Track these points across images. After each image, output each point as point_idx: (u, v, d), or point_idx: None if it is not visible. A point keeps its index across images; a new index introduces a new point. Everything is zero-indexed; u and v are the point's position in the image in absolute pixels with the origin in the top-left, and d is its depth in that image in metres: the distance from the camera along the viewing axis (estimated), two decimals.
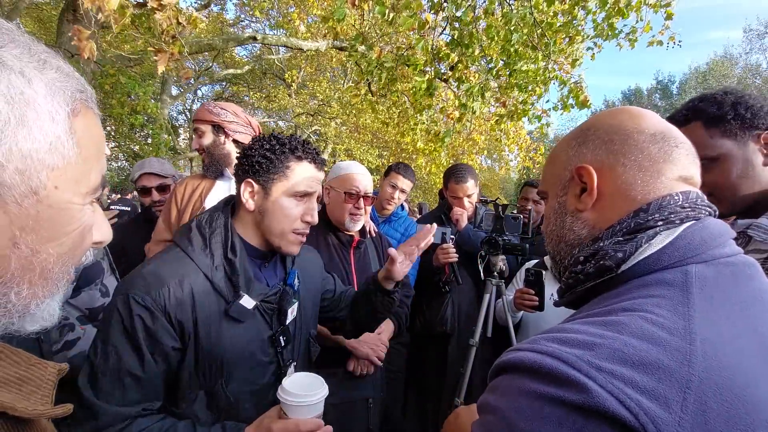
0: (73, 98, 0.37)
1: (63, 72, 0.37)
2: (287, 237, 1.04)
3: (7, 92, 0.32)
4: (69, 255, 0.40)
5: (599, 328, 0.45)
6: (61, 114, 0.36)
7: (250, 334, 1.00)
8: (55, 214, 0.37)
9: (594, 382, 0.40)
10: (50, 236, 0.37)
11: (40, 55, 0.36)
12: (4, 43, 0.33)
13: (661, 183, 0.56)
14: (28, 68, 0.34)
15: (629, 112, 0.62)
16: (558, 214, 0.65)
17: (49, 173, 0.35)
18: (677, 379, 0.39)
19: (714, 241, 0.52)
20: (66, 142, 0.36)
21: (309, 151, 1.06)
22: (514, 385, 0.45)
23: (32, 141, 0.34)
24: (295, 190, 1.03)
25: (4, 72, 0.32)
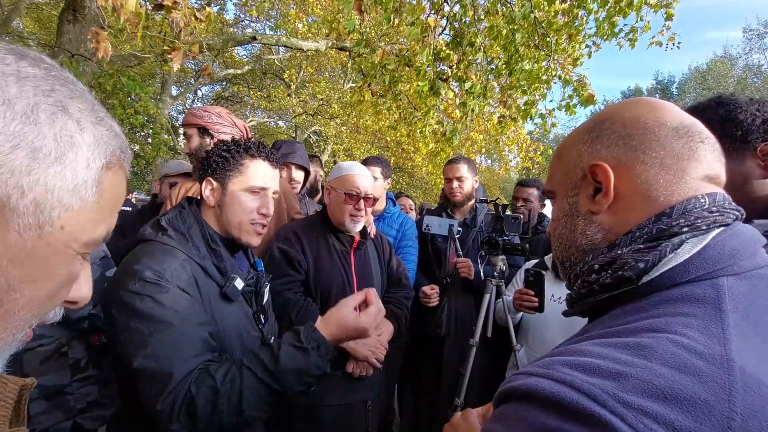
0: (113, 154, 0.40)
1: (113, 131, 0.40)
2: (244, 228, 1.13)
3: (59, 132, 0.35)
4: (39, 303, 0.38)
5: (623, 352, 0.39)
6: (96, 163, 0.38)
7: (241, 312, 1.11)
8: (50, 254, 0.37)
9: (622, 422, 0.34)
10: (34, 276, 0.36)
11: (99, 113, 0.39)
12: (74, 96, 0.37)
13: (685, 183, 0.51)
14: (85, 120, 0.37)
15: (649, 104, 0.56)
16: (568, 216, 0.59)
17: (62, 212, 0.36)
18: (717, 418, 0.34)
19: (746, 251, 0.47)
20: (90, 188, 0.38)
21: (263, 150, 1.17)
22: (527, 418, 0.39)
23: (60, 178, 0.35)
24: (250, 185, 1.13)
25: (64, 116, 0.36)
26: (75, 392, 1.53)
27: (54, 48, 4.42)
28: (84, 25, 4.16)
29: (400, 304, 1.77)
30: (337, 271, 1.62)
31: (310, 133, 14.22)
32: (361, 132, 11.57)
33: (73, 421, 1.51)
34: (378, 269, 1.78)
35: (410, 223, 2.39)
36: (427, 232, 2.22)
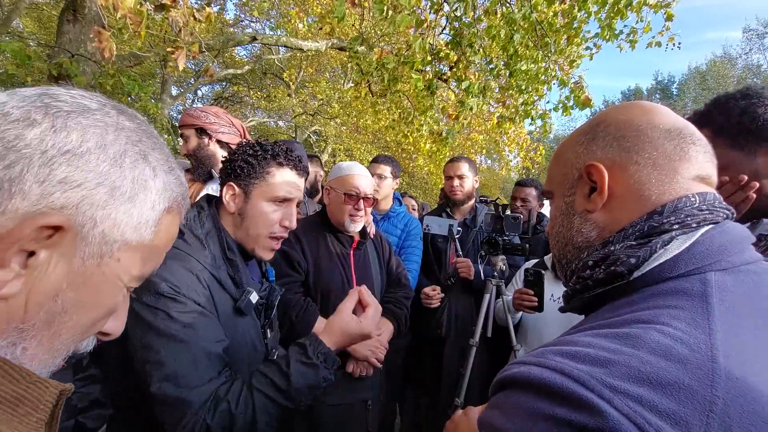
0: (175, 200, 0.45)
1: (179, 180, 0.46)
2: (262, 241, 1.07)
3: (137, 176, 0.41)
4: (82, 329, 0.41)
5: (612, 341, 0.42)
6: (160, 206, 0.43)
7: (250, 326, 1.07)
8: (103, 282, 0.40)
9: (609, 404, 0.36)
10: (84, 302, 0.40)
11: (171, 164, 0.45)
12: (155, 147, 0.43)
13: (676, 183, 0.53)
14: (160, 168, 0.43)
15: (642, 107, 0.58)
16: (565, 215, 0.61)
17: (122, 246, 0.40)
18: (699, 401, 0.36)
19: (734, 247, 0.49)
20: (150, 228, 0.42)
21: (291, 158, 1.10)
22: (520, 404, 0.42)
23: (128, 216, 0.40)
24: (275, 194, 1.06)
25: (143, 164, 0.41)
26: (77, 391, 1.53)
27: (54, 48, 4.42)
28: (84, 25, 4.16)
29: (399, 304, 1.77)
30: (337, 272, 1.62)
31: (310, 133, 14.21)
32: (361, 132, 11.57)
33: (75, 420, 1.51)
34: (378, 269, 1.78)
35: (415, 223, 2.39)
36: (427, 232, 2.22)
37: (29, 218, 0.34)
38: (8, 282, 0.34)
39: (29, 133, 0.35)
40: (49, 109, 0.37)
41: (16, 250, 0.34)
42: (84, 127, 0.38)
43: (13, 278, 0.35)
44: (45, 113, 0.37)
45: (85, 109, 0.39)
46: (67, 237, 0.37)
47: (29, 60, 4.18)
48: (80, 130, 0.38)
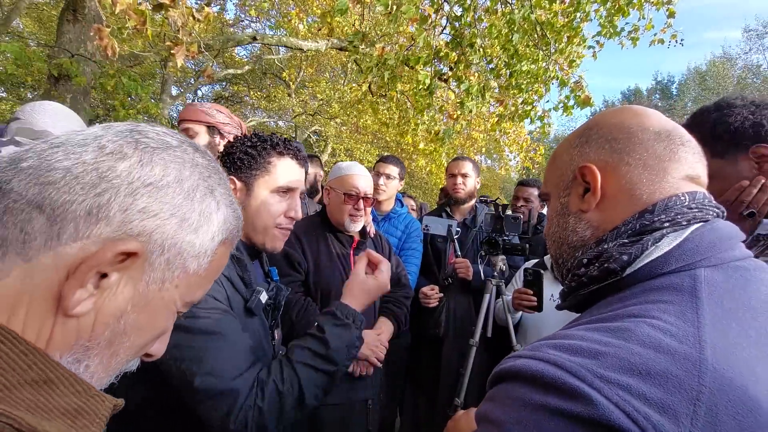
0: (231, 232, 0.48)
1: (237, 214, 0.49)
2: (271, 232, 1.05)
3: (204, 209, 0.44)
4: (135, 351, 0.44)
5: (604, 335, 0.43)
6: (218, 237, 0.46)
7: (259, 326, 1.05)
8: (161, 307, 0.43)
9: (599, 394, 0.38)
10: (142, 324, 0.42)
11: (232, 198, 0.49)
12: (220, 183, 0.47)
13: (666, 182, 0.55)
14: (222, 202, 0.46)
15: (632, 111, 0.61)
16: (560, 215, 0.63)
17: (181, 273, 0.43)
18: (687, 391, 0.37)
19: (723, 244, 0.50)
20: (207, 257, 0.45)
21: (290, 147, 1.08)
22: (515, 395, 0.43)
23: (191, 246, 0.43)
24: (278, 185, 1.05)
25: (210, 198, 0.45)
26: None
27: (54, 48, 4.42)
28: (84, 25, 4.17)
29: (399, 303, 1.77)
30: (337, 271, 1.62)
31: (310, 133, 14.22)
32: (361, 132, 11.57)
33: None
34: None
35: (416, 225, 2.39)
36: (426, 232, 2.22)
37: (110, 243, 0.37)
38: (83, 301, 0.37)
39: (120, 165, 0.39)
40: (139, 144, 0.41)
41: (94, 272, 0.37)
42: (166, 162, 0.42)
43: (87, 298, 0.37)
44: (135, 148, 0.40)
45: (168, 146, 0.43)
46: (137, 262, 0.39)
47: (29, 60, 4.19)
48: (162, 164, 0.41)
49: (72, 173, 0.37)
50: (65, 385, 0.36)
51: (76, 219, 0.36)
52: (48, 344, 0.37)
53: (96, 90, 4.67)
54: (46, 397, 0.35)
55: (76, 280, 0.36)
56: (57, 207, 0.36)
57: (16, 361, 0.34)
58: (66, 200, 0.36)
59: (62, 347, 0.37)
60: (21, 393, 0.33)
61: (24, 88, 10.32)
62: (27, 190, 0.36)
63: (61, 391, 0.36)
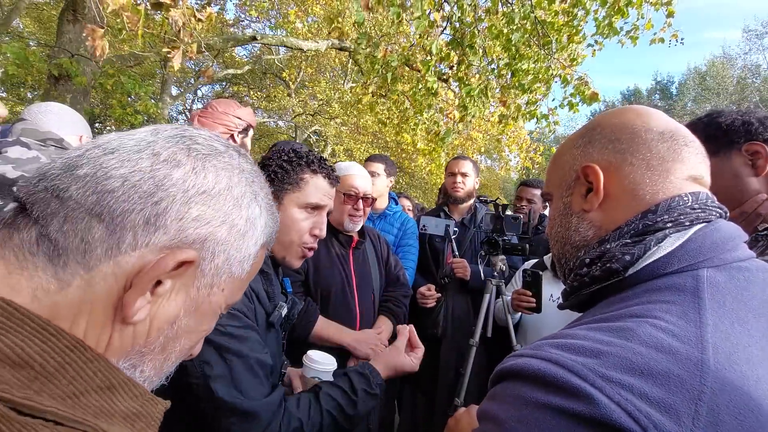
0: (269, 236, 0.49)
1: (275, 217, 0.50)
2: (293, 249, 1.06)
3: (250, 215, 0.44)
4: (183, 354, 0.45)
5: (606, 334, 0.43)
6: (259, 242, 0.46)
7: (276, 339, 1.07)
8: (209, 311, 0.44)
9: (601, 393, 0.38)
10: (192, 328, 0.43)
11: (271, 202, 0.49)
12: (263, 187, 0.47)
13: (670, 183, 0.54)
14: (264, 207, 0.47)
15: (636, 111, 0.60)
16: (563, 215, 0.63)
17: (227, 277, 0.43)
18: (689, 390, 0.37)
19: (726, 245, 0.50)
20: (249, 262, 0.46)
21: (325, 166, 1.10)
22: (517, 394, 0.43)
23: (238, 251, 0.43)
24: (307, 201, 1.06)
25: (254, 203, 0.45)
26: None
27: (54, 48, 4.42)
28: (84, 25, 4.17)
29: (398, 302, 1.78)
30: (337, 271, 1.62)
31: (310, 133, 14.22)
32: (361, 132, 11.58)
33: None
34: (376, 268, 1.79)
35: (411, 222, 2.39)
36: (424, 232, 2.22)
37: (170, 252, 0.37)
38: (141, 308, 0.37)
39: (175, 173, 0.39)
40: (191, 151, 0.41)
41: (154, 281, 0.37)
42: (217, 169, 0.42)
43: (145, 305, 0.38)
44: (188, 155, 0.41)
45: (217, 152, 0.43)
46: (190, 269, 0.40)
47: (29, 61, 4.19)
48: (214, 172, 0.41)
49: (130, 182, 0.37)
50: (125, 390, 0.37)
51: (134, 228, 0.36)
52: (106, 351, 0.37)
53: (95, 90, 4.67)
54: (109, 402, 0.36)
55: (138, 289, 0.37)
56: (116, 216, 0.36)
57: (84, 369, 0.34)
58: (125, 209, 0.36)
59: (119, 354, 0.38)
60: (88, 399, 0.34)
61: (24, 88, 10.33)
62: (85, 199, 0.36)
63: (121, 396, 0.37)
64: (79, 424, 0.32)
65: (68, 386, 0.33)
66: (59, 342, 0.34)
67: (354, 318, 1.63)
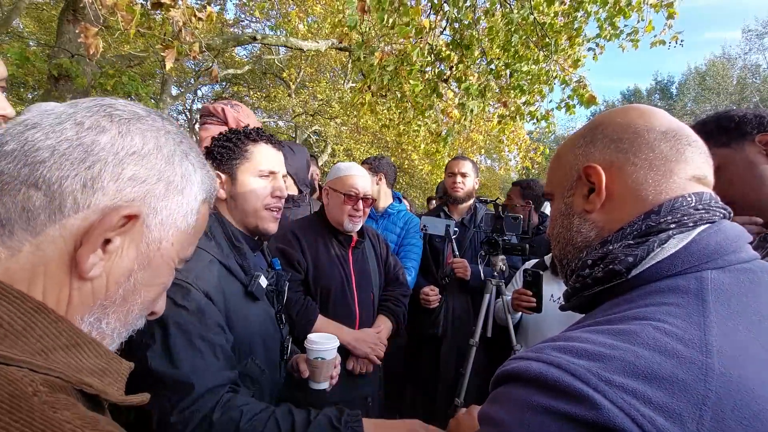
0: (208, 192, 0.53)
1: (210, 175, 0.53)
2: (261, 214, 1.10)
3: (184, 172, 0.48)
4: (145, 306, 0.48)
5: (609, 337, 0.43)
6: (199, 197, 0.50)
7: (264, 312, 1.09)
8: (162, 264, 0.48)
9: (604, 397, 0.37)
10: (149, 281, 0.47)
11: (203, 160, 0.53)
12: (192, 147, 0.51)
13: (673, 183, 0.54)
14: (197, 164, 0.50)
15: (639, 110, 0.60)
16: (565, 215, 0.62)
17: (175, 232, 0.48)
18: (693, 395, 0.37)
19: (730, 246, 0.49)
20: (193, 215, 0.50)
21: (263, 134, 1.14)
22: (518, 397, 0.43)
23: (179, 206, 0.47)
24: (259, 168, 1.10)
25: (186, 161, 0.48)
26: None
27: (54, 48, 4.42)
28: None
29: (398, 302, 1.78)
30: (336, 271, 1.62)
31: (310, 133, 14.22)
32: (361, 132, 11.57)
33: None
34: (375, 268, 1.79)
35: (415, 220, 2.40)
36: (425, 232, 2.23)
37: (113, 210, 0.41)
38: (95, 264, 0.41)
39: (102, 138, 0.42)
40: (113, 117, 0.44)
41: (102, 237, 0.40)
42: (143, 131, 0.45)
43: (98, 261, 0.41)
44: (111, 121, 0.43)
45: (139, 117, 0.45)
46: (136, 225, 0.43)
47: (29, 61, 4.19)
48: (140, 134, 0.44)
49: (59, 151, 0.39)
50: (90, 349, 0.41)
51: (73, 192, 0.39)
52: (68, 308, 0.41)
53: (96, 90, 4.67)
54: (75, 359, 0.39)
55: (89, 246, 0.40)
56: (52, 183, 0.39)
57: (49, 328, 0.38)
58: (60, 176, 0.39)
59: (82, 310, 0.42)
60: (56, 355, 0.38)
61: (24, 88, 10.33)
62: (18, 171, 0.38)
63: (87, 354, 0.41)
64: (51, 371, 0.36)
65: (36, 344, 0.37)
66: (23, 305, 0.37)
67: (353, 317, 1.63)
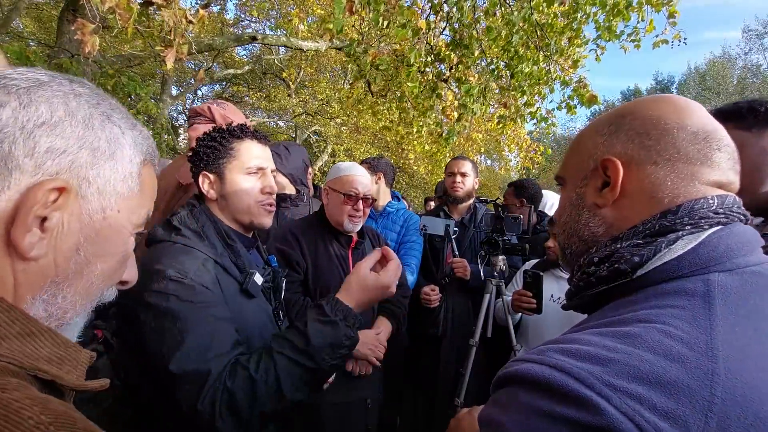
0: (146, 152, 0.50)
1: (144, 134, 0.50)
2: (253, 210, 1.10)
3: (109, 135, 0.45)
4: (107, 276, 0.48)
5: (613, 340, 0.42)
6: (136, 159, 0.48)
7: (261, 308, 1.09)
8: (112, 233, 0.46)
9: (608, 402, 0.36)
10: (102, 252, 0.46)
11: (132, 120, 0.49)
12: (113, 108, 0.47)
13: (692, 187, 0.51)
14: (124, 125, 0.47)
15: (673, 104, 0.55)
16: (575, 206, 0.60)
17: (117, 199, 0.46)
18: (698, 401, 0.36)
19: (741, 249, 0.48)
20: (134, 179, 0.48)
21: (247, 130, 1.12)
22: (520, 400, 0.42)
23: (114, 172, 0.45)
24: (247, 165, 1.09)
25: (110, 123, 0.45)
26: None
27: (54, 48, 4.42)
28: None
29: (398, 303, 1.78)
30: (336, 271, 1.62)
31: (310, 133, 14.21)
32: (361, 132, 11.57)
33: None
34: None
35: (415, 218, 2.40)
36: (424, 232, 2.23)
37: (36, 186, 0.39)
38: (36, 244, 0.39)
39: (2, 114, 0.38)
40: (9, 88, 0.40)
41: (33, 216, 0.39)
42: (47, 98, 0.41)
43: (38, 241, 0.40)
44: (7, 92, 0.39)
45: (41, 83, 0.42)
46: (70, 198, 0.41)
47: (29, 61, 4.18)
48: (45, 102, 0.41)
49: None
50: (46, 338, 0.40)
51: None
52: (16, 290, 0.40)
53: None
54: (31, 348, 0.38)
55: (20, 226, 0.38)
56: None
57: (1, 317, 0.37)
58: None
59: (33, 289, 0.41)
60: (10, 343, 0.37)
61: None
62: None
63: (42, 343, 0.40)
64: (3, 357, 0.35)
65: None
66: None
67: None
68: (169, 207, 1.61)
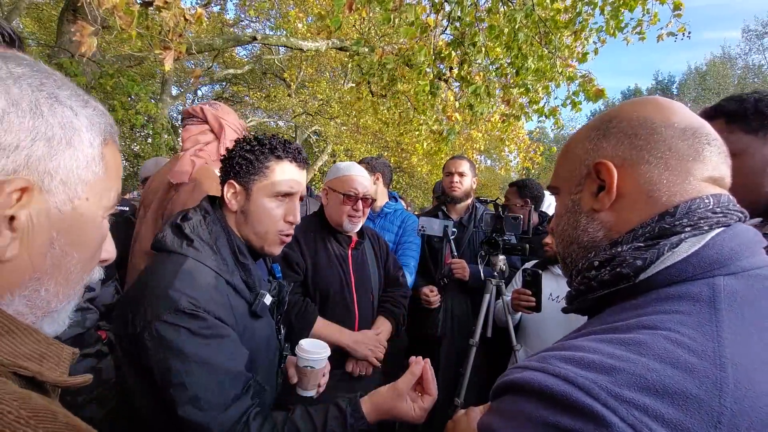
0: (105, 131, 0.47)
1: (99, 110, 0.47)
2: (269, 238, 1.05)
3: (63, 120, 0.41)
4: (87, 262, 0.47)
5: (618, 348, 0.40)
6: (96, 141, 0.45)
7: (268, 326, 1.08)
8: (85, 222, 0.45)
9: (614, 414, 0.35)
10: (77, 241, 0.44)
11: (83, 96, 0.45)
12: (60, 86, 0.42)
13: (689, 184, 0.51)
14: (76, 105, 0.43)
15: (657, 104, 0.56)
16: (571, 213, 0.59)
17: (83, 187, 0.44)
18: (707, 412, 0.35)
19: (745, 251, 0.47)
20: (98, 163, 0.45)
21: (289, 150, 1.05)
22: (521, 411, 0.41)
23: (75, 159, 0.42)
24: (276, 190, 1.03)
25: (60, 106, 0.41)
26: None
27: (54, 48, 4.42)
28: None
29: (397, 303, 1.78)
30: (336, 272, 1.62)
31: (310, 133, 14.21)
32: (361, 132, 11.57)
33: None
34: (375, 269, 1.78)
35: (412, 219, 2.40)
36: (423, 233, 2.22)
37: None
38: (7, 246, 0.38)
39: None
40: None
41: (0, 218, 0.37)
42: None
43: (10, 242, 0.38)
44: None
45: None
46: (34, 195, 0.39)
47: None
48: None
49: None
50: (26, 335, 0.40)
51: None
52: None
53: (95, 90, 4.67)
54: (10, 345, 0.38)
55: None
56: None
57: None
58: None
59: (11, 287, 0.40)
60: None
61: None
62: None
63: (22, 341, 0.39)
64: None
65: None
66: None
67: (353, 319, 1.62)
68: (161, 206, 1.60)
